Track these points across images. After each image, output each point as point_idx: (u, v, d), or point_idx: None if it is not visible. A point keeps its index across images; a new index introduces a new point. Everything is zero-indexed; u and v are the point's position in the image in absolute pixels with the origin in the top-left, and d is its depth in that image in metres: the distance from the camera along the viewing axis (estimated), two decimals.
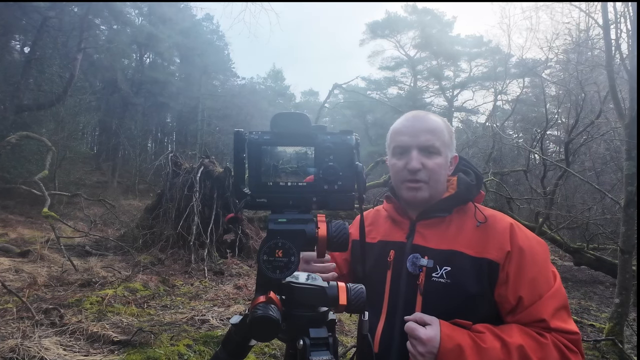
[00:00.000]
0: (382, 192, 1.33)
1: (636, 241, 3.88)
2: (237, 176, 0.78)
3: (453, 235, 1.07)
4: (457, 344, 0.92)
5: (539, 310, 0.96)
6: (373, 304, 1.11)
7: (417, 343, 0.95)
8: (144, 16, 26.05)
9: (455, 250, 1.04)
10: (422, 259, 1.06)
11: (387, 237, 1.17)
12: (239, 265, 7.00)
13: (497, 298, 1.01)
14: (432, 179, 1.09)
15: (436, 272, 1.03)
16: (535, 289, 0.98)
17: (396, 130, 1.14)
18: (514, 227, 1.04)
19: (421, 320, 0.97)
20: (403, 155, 1.11)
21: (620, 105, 4.52)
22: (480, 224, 1.05)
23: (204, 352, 3.41)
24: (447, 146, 1.11)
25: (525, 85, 19.57)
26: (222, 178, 7.76)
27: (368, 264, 1.16)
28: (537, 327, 0.96)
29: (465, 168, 1.19)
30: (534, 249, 1.02)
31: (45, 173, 8.56)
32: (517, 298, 0.98)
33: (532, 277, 0.98)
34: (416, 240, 1.10)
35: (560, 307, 0.98)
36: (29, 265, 6.01)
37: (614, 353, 3.70)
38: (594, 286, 7.26)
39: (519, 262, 0.99)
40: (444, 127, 1.12)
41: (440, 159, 1.09)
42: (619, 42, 4.83)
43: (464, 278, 1.01)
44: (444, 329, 0.95)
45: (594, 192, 8.79)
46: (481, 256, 1.01)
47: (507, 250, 1.00)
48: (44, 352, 3.06)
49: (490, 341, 0.93)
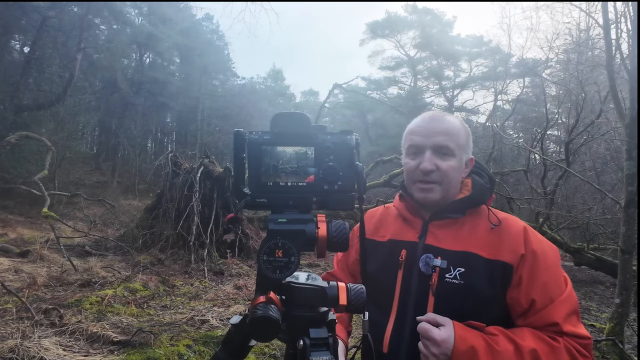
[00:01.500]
0: (382, 192, 1.32)
1: (636, 241, 3.87)
2: (237, 176, 0.78)
3: (466, 237, 1.06)
4: (470, 346, 0.92)
5: (552, 314, 0.96)
6: (381, 303, 1.10)
7: (430, 344, 0.94)
8: (143, 16, 26.07)
9: (470, 252, 1.03)
10: (435, 260, 1.05)
11: (398, 236, 1.15)
12: (239, 265, 7.00)
13: (509, 301, 1.01)
14: (445, 181, 1.07)
15: (450, 273, 1.02)
16: (548, 293, 0.97)
17: (411, 130, 1.13)
18: (527, 230, 1.04)
19: (434, 321, 0.97)
20: (417, 155, 1.10)
21: (620, 105, 4.52)
22: (495, 227, 1.05)
23: (204, 353, 3.41)
24: (462, 148, 1.10)
25: (525, 85, 19.60)
26: (222, 178, 7.76)
27: (377, 262, 1.15)
28: (550, 331, 0.96)
29: (479, 171, 1.18)
30: (546, 253, 1.02)
31: (45, 173, 8.56)
32: (530, 301, 0.97)
33: (544, 280, 0.98)
34: (429, 240, 1.09)
35: (572, 312, 0.98)
36: (29, 266, 6.01)
37: (615, 353, 3.70)
38: (595, 286, 7.25)
39: (532, 265, 0.99)
40: (460, 129, 1.10)
41: (454, 161, 1.08)
42: (619, 42, 4.82)
43: (478, 280, 1.00)
44: (458, 331, 0.94)
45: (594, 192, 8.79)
46: (495, 258, 1.01)
47: (521, 253, 1.00)
48: (44, 353, 3.06)
49: (504, 344, 0.93)
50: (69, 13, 18.04)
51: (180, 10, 26.78)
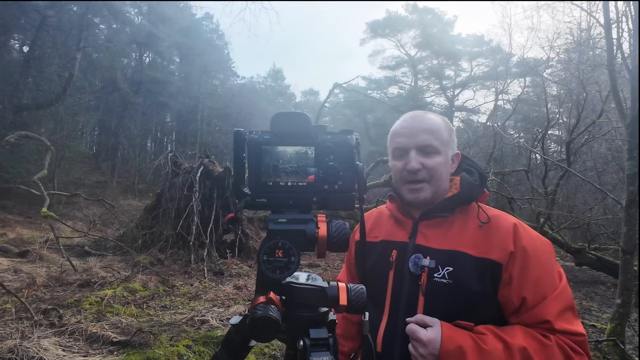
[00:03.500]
0: (382, 192, 1.32)
1: (638, 241, 3.87)
2: (237, 176, 0.78)
3: (455, 236, 1.06)
4: (458, 346, 0.92)
5: (543, 311, 0.95)
6: (376, 303, 1.11)
7: (418, 345, 0.94)
8: (143, 15, 26.08)
9: (458, 251, 1.03)
10: (424, 259, 1.05)
11: (390, 236, 1.16)
12: (238, 265, 6.99)
13: (500, 299, 1.00)
14: (434, 177, 1.08)
15: (438, 272, 1.03)
16: (539, 290, 0.96)
17: (394, 132, 1.14)
18: (518, 227, 1.03)
19: (422, 322, 0.97)
20: (402, 157, 1.11)
21: (621, 105, 4.51)
22: (483, 224, 1.04)
23: (204, 353, 3.40)
24: (446, 144, 1.11)
25: (526, 85, 19.61)
26: (222, 178, 7.75)
27: (371, 263, 1.16)
28: (542, 328, 0.95)
29: (469, 167, 1.18)
30: (538, 249, 1.01)
31: (44, 173, 8.55)
32: (521, 299, 0.97)
33: (536, 277, 0.97)
34: (418, 240, 1.09)
35: (566, 308, 0.96)
36: (28, 266, 6.00)
37: (616, 354, 3.69)
38: (595, 286, 7.25)
39: (523, 262, 0.98)
40: (442, 126, 1.11)
41: (440, 158, 1.08)
42: (620, 42, 4.83)
43: (466, 278, 1.00)
44: (445, 331, 0.94)
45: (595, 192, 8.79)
46: (484, 256, 1.00)
47: (510, 250, 0.99)
48: (43, 353, 3.05)
49: (493, 343, 0.92)
50: (68, 12, 18.03)
51: (180, 10, 26.79)
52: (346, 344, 1.24)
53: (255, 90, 35.23)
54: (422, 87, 31.65)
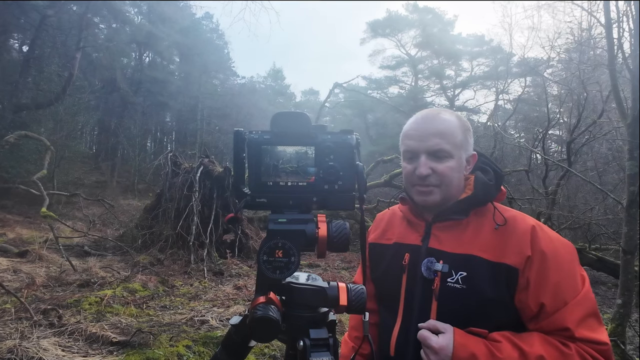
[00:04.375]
0: (382, 192, 1.31)
1: (638, 241, 3.86)
2: (237, 176, 0.78)
3: (470, 239, 1.02)
4: (471, 353, 0.89)
5: (563, 318, 0.90)
6: (389, 307, 1.10)
7: (429, 352, 0.92)
8: (143, 15, 26.06)
9: (472, 255, 0.99)
10: (437, 264, 1.02)
11: (403, 239, 1.13)
12: (238, 265, 6.99)
13: (517, 304, 0.96)
14: (444, 182, 1.04)
15: (451, 277, 0.99)
16: (559, 295, 0.92)
17: (405, 134, 1.09)
18: (536, 229, 0.98)
19: (434, 328, 0.95)
20: (412, 160, 1.07)
21: (622, 105, 4.50)
22: (499, 227, 1.00)
23: (204, 353, 3.40)
24: (460, 147, 1.05)
25: (526, 85, 19.56)
26: (222, 178, 7.74)
27: (383, 265, 1.14)
28: (561, 336, 0.91)
29: (484, 166, 1.13)
30: (557, 253, 0.96)
31: (44, 173, 8.55)
32: (539, 305, 0.92)
33: (555, 282, 0.93)
34: (431, 243, 1.06)
35: (588, 315, 0.92)
36: (27, 266, 6.00)
37: (616, 354, 3.68)
38: (596, 287, 7.25)
39: (541, 267, 0.94)
40: (456, 127, 1.05)
41: (452, 162, 1.03)
42: (621, 41, 4.82)
43: (480, 283, 0.96)
44: (458, 338, 0.92)
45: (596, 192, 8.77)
46: (499, 261, 0.96)
47: (527, 254, 0.94)
48: (43, 353, 3.05)
49: (508, 351, 0.89)
50: (68, 12, 18.03)
51: (180, 9, 26.76)
52: (366, 347, 1.20)
53: (255, 90, 35.20)
54: (423, 87, 31.63)
